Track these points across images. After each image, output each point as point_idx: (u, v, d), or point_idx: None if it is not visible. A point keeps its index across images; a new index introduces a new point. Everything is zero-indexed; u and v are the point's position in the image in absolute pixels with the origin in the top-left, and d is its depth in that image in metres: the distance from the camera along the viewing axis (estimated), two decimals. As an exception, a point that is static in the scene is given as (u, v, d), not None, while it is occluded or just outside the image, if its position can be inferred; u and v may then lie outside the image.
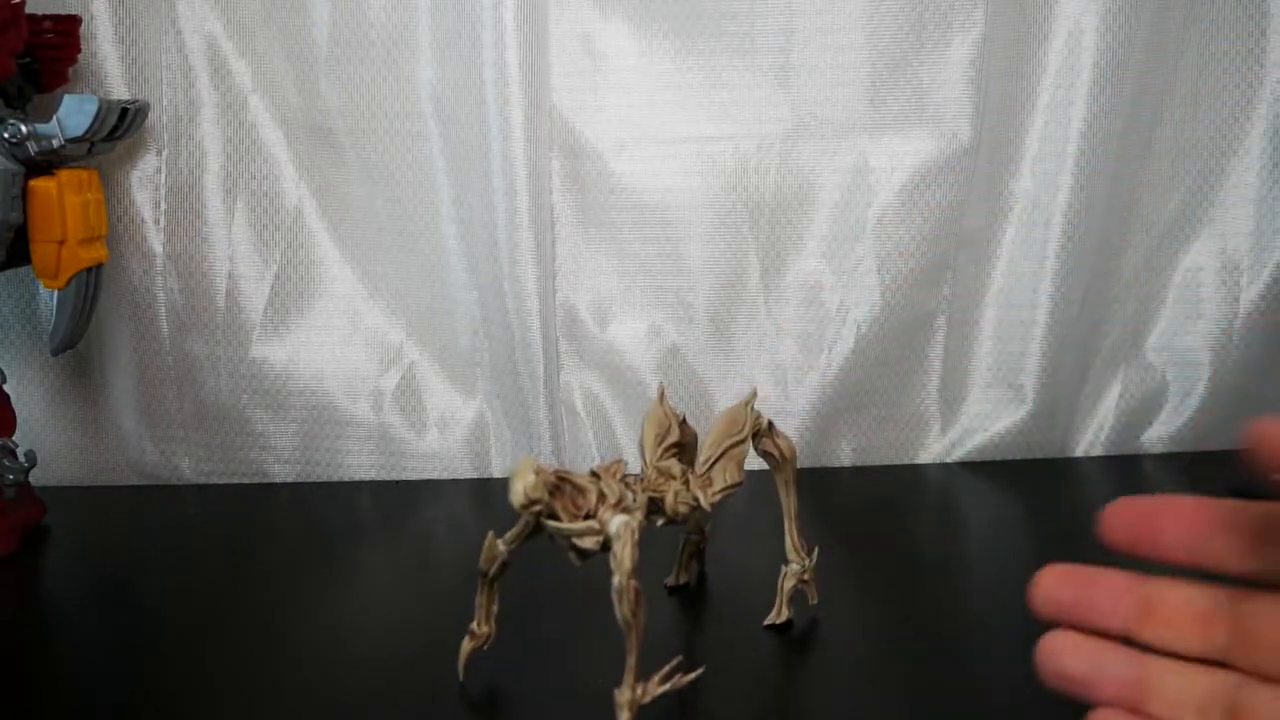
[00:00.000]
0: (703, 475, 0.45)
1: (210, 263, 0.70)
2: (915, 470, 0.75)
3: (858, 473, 0.74)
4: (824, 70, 0.70)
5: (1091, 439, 0.77)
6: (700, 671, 0.42)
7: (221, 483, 0.72)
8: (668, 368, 0.73)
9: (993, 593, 0.54)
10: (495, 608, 0.44)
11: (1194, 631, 0.28)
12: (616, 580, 0.36)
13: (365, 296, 0.72)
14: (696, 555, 0.55)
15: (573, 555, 0.39)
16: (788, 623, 0.50)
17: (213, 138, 0.69)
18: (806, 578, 0.50)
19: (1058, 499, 0.69)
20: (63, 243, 0.59)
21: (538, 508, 0.37)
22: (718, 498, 0.44)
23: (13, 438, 0.63)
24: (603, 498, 0.39)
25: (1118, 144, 0.69)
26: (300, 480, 0.73)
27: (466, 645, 0.44)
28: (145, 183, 0.68)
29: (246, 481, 0.72)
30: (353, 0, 0.68)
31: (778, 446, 0.49)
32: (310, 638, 0.50)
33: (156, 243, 0.69)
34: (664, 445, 0.44)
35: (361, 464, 0.73)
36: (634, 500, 0.40)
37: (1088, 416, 0.77)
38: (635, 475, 0.42)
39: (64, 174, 0.59)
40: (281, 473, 0.73)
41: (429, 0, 0.68)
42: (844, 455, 0.75)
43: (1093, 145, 0.68)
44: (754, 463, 0.47)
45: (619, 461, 0.41)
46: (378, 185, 0.71)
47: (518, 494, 0.36)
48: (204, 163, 0.69)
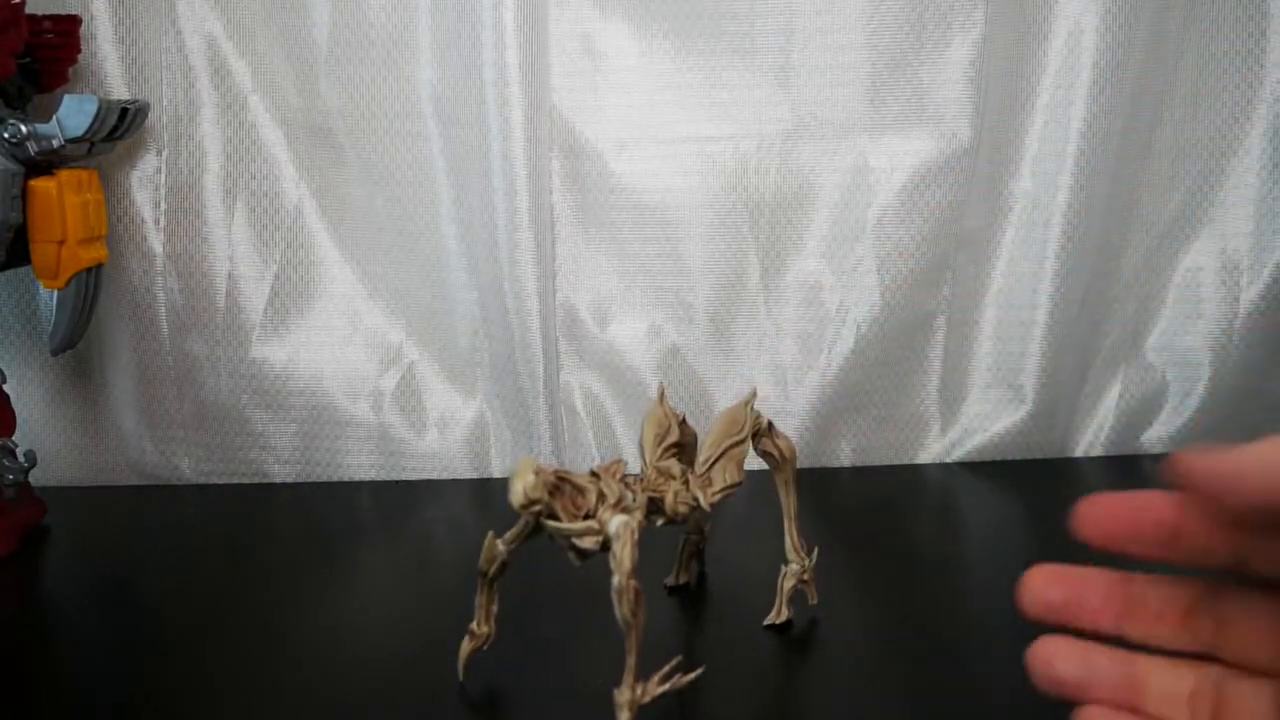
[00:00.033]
0: (702, 475, 0.44)
1: (210, 263, 0.70)
2: (915, 470, 0.75)
3: (857, 473, 0.74)
4: (824, 70, 0.70)
5: (1091, 439, 0.77)
6: (700, 671, 0.42)
7: (221, 483, 0.72)
8: (668, 368, 0.73)
9: (993, 593, 0.54)
10: (495, 608, 0.44)
11: (1180, 627, 0.29)
12: (616, 580, 0.36)
13: (365, 296, 0.72)
14: (696, 555, 0.55)
15: (572, 555, 0.39)
16: (787, 623, 0.50)
17: (213, 138, 0.69)
18: (806, 578, 0.50)
19: (1057, 499, 0.67)
20: (63, 243, 0.59)
21: (537, 508, 0.37)
22: (717, 498, 0.44)
23: (13, 438, 0.63)
24: (602, 498, 0.39)
25: (1118, 144, 0.69)
26: (300, 480, 0.73)
27: (466, 645, 0.44)
28: (145, 183, 0.68)
29: (246, 481, 0.72)
30: (353, 0, 0.68)
31: (777, 446, 0.49)
32: (310, 638, 0.50)
33: (156, 243, 0.69)
34: (664, 445, 0.44)
35: (361, 464, 0.73)
36: (634, 500, 0.40)
37: (1088, 416, 0.77)
38: (635, 475, 0.42)
39: (64, 174, 0.59)
40: (281, 473, 0.73)
41: (429, 0, 0.68)
42: (844, 455, 0.75)
43: (1093, 145, 0.68)
44: (754, 463, 0.47)
45: (619, 461, 0.41)
46: (378, 185, 0.71)
47: (517, 494, 0.36)
48: (204, 163, 0.69)
